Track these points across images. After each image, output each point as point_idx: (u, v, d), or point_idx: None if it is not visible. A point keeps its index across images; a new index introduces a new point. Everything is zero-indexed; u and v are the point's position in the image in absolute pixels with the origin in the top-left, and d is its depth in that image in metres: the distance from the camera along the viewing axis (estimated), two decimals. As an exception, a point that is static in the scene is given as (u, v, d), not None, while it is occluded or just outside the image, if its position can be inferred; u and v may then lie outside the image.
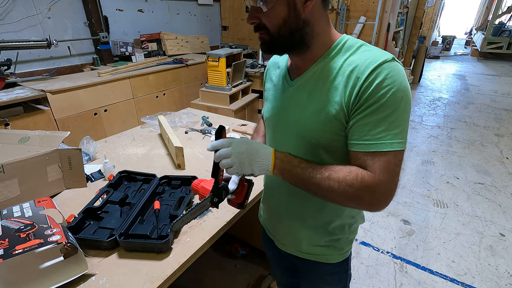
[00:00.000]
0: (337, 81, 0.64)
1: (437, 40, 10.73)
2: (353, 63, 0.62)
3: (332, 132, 0.65)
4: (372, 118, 0.58)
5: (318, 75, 0.68)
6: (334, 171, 0.63)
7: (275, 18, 0.63)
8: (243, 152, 0.65)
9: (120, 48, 3.04)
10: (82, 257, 0.77)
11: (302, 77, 0.71)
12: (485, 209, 2.48)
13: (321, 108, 0.65)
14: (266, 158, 0.66)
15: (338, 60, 0.65)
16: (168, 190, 1.13)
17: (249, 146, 0.66)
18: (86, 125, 2.43)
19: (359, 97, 0.59)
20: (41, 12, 2.53)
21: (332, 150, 0.68)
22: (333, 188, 0.62)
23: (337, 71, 0.64)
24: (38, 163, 1.05)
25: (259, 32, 0.67)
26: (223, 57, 2.79)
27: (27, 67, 2.56)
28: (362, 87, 0.59)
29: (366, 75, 0.58)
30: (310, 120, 0.67)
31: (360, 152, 0.61)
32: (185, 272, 0.86)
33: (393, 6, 3.90)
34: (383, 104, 0.57)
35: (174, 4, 3.74)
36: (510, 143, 3.65)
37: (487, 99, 5.34)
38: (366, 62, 0.60)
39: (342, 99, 0.62)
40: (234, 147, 0.65)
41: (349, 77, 0.61)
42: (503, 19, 9.34)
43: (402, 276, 1.86)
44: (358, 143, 0.61)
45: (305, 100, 0.69)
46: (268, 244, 1.01)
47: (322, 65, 0.67)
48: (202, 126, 1.78)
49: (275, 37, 0.65)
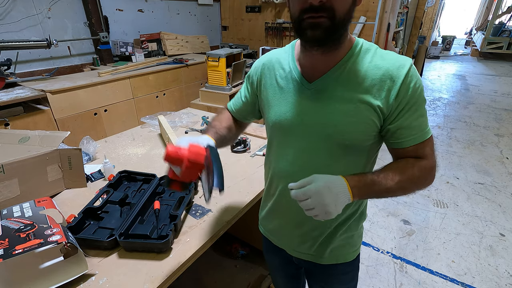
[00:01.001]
0: (367, 83, 0.64)
1: (437, 40, 10.73)
2: (381, 67, 0.64)
3: (365, 133, 0.67)
4: (416, 115, 0.65)
5: (345, 78, 0.66)
6: (401, 173, 0.67)
7: (346, 2, 0.59)
8: (324, 192, 0.61)
9: (120, 48, 3.04)
10: (82, 257, 0.77)
11: (324, 80, 0.68)
12: (485, 209, 2.48)
13: (355, 110, 0.65)
14: (344, 195, 0.63)
15: (362, 62, 0.66)
16: (168, 190, 1.13)
17: (328, 185, 0.62)
18: (86, 125, 2.43)
19: (399, 100, 0.64)
20: (41, 12, 2.53)
21: (360, 149, 0.71)
22: (406, 187, 0.68)
23: (365, 73, 0.65)
24: (38, 163, 1.05)
25: (319, 13, 0.58)
26: (223, 57, 2.79)
27: (27, 67, 2.56)
28: (402, 89, 0.63)
29: (402, 79, 0.63)
30: (343, 122, 0.66)
31: (412, 146, 0.68)
32: (185, 272, 0.86)
33: (393, 6, 3.90)
34: (420, 101, 0.65)
35: (174, 4, 3.74)
36: (510, 143, 3.65)
37: (487, 99, 5.34)
38: (395, 66, 0.64)
39: (378, 102, 0.64)
40: (313, 190, 0.62)
41: (382, 81, 0.64)
42: (503, 19, 9.34)
43: (402, 276, 1.86)
44: (410, 139, 0.67)
45: (333, 102, 0.67)
46: (275, 253, 0.98)
47: (346, 67, 0.66)
48: (202, 126, 1.78)
49: (337, 23, 0.59)
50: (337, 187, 0.62)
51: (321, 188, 0.61)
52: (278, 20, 3.98)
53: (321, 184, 0.62)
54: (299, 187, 0.63)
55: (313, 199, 0.61)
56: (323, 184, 0.62)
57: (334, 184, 0.62)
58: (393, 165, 0.70)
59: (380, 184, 0.66)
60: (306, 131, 0.72)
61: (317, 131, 0.70)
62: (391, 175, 0.67)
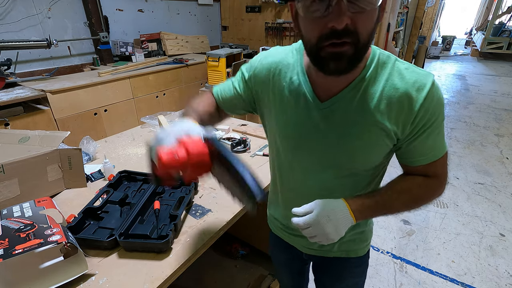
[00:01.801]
0: (383, 106, 0.59)
1: (437, 40, 10.73)
2: (399, 88, 0.58)
3: (377, 155, 0.65)
4: (432, 136, 0.62)
5: (359, 99, 0.61)
6: (406, 193, 0.66)
7: (371, 21, 0.50)
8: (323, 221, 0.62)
9: (120, 48, 3.04)
10: (82, 257, 0.77)
11: (338, 100, 0.62)
12: (485, 209, 2.48)
13: (369, 134, 0.62)
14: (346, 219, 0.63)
15: (379, 81, 0.60)
16: (168, 190, 1.13)
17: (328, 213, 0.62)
18: (86, 125, 2.43)
19: (416, 123, 0.60)
20: (41, 12, 2.53)
21: (366, 168, 0.69)
22: (411, 206, 0.68)
23: (380, 95, 0.59)
24: (38, 163, 1.05)
25: (342, 39, 0.49)
26: (223, 57, 2.79)
27: (27, 67, 2.56)
28: (420, 114, 0.58)
29: (421, 102, 0.58)
30: (355, 146, 0.63)
31: (424, 165, 0.65)
32: (185, 272, 0.86)
33: (393, 6, 3.90)
34: (439, 121, 0.61)
35: (174, 4, 3.74)
36: (510, 143, 3.65)
37: (487, 99, 5.34)
38: (415, 87, 0.58)
39: (394, 127, 0.60)
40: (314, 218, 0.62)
41: (400, 104, 0.58)
42: (503, 19, 9.33)
43: (402, 276, 1.86)
44: (421, 159, 0.65)
45: (346, 125, 0.63)
46: (282, 249, 0.98)
47: (361, 87, 0.60)
48: (202, 126, 1.78)
49: (361, 48, 0.51)
50: (337, 214, 0.62)
51: (320, 217, 0.61)
52: (278, 20, 3.98)
53: (321, 213, 0.62)
54: (302, 214, 0.64)
55: (314, 228, 0.62)
56: (322, 213, 0.62)
57: (334, 212, 0.62)
58: (398, 184, 0.68)
59: (384, 206, 0.66)
60: (313, 152, 0.68)
61: (325, 153, 0.67)
62: (396, 195, 0.66)
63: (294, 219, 0.64)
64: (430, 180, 0.67)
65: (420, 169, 0.67)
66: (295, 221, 0.64)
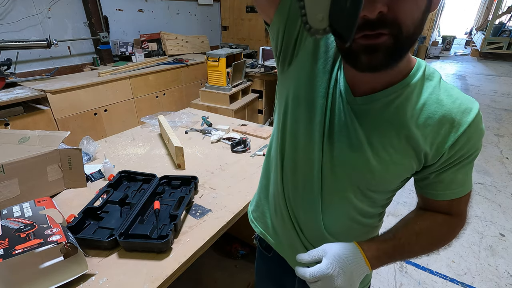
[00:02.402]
0: (422, 120, 0.51)
1: (437, 40, 10.72)
2: (443, 105, 0.51)
3: (398, 175, 0.57)
4: (467, 168, 0.56)
5: (397, 106, 0.52)
6: (428, 235, 0.58)
7: (417, 9, 0.42)
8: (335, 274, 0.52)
9: (120, 48, 3.04)
10: (82, 257, 0.77)
11: (374, 99, 0.53)
12: (485, 209, 2.48)
13: (398, 146, 0.52)
14: (360, 269, 0.54)
15: (423, 92, 0.52)
16: (168, 190, 1.13)
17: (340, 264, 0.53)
18: (86, 125, 2.43)
19: (454, 151, 0.52)
20: (41, 12, 2.53)
21: (379, 190, 0.61)
22: (432, 249, 0.60)
23: (423, 106, 0.51)
24: (38, 163, 1.05)
25: (377, 31, 0.41)
26: (223, 57, 2.79)
27: (27, 67, 2.56)
28: (461, 141, 0.51)
29: (466, 127, 0.50)
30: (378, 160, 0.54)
31: (449, 200, 0.58)
32: (185, 272, 0.86)
33: (393, 6, 3.89)
34: (475, 155, 0.55)
35: (174, 4, 3.74)
36: (510, 143, 3.65)
37: (487, 99, 5.34)
38: (461, 108, 0.51)
39: (427, 147, 0.52)
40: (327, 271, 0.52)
41: (441, 124, 0.51)
42: (503, 19, 9.34)
43: (402, 276, 1.86)
44: (448, 193, 0.57)
45: (376, 129, 0.53)
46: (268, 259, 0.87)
47: (403, 93, 0.51)
48: (202, 126, 1.78)
49: (404, 41, 0.43)
50: (351, 265, 0.53)
51: (331, 270, 0.52)
52: (278, 20, 3.98)
53: (332, 264, 0.52)
54: (308, 261, 0.55)
55: (323, 282, 0.52)
56: (334, 265, 0.52)
57: (347, 262, 0.52)
58: (416, 223, 0.60)
59: (402, 250, 0.57)
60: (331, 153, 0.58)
61: (344, 160, 0.57)
62: (415, 238, 0.57)
63: (300, 269, 0.55)
64: (452, 219, 0.59)
65: (444, 205, 0.58)
66: (301, 272, 0.54)
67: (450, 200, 0.57)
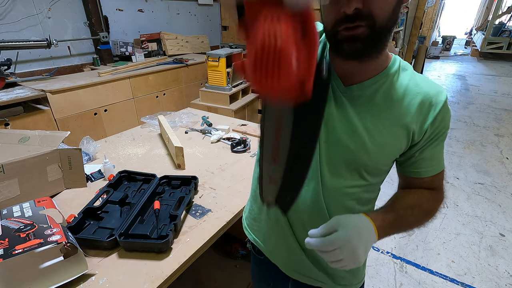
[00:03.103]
0: (406, 102, 0.59)
1: (437, 40, 10.73)
2: (421, 88, 0.59)
3: (390, 155, 0.62)
4: (441, 144, 0.64)
5: (383, 93, 0.59)
6: (420, 207, 0.64)
7: (388, 3, 0.49)
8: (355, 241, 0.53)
9: (120, 48, 3.04)
10: (82, 257, 0.77)
11: (363, 87, 0.59)
12: (485, 209, 2.48)
13: (389, 129, 0.58)
14: (372, 239, 0.55)
15: (401, 80, 0.60)
16: (168, 190, 1.13)
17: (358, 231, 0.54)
18: (86, 125, 2.43)
19: (434, 128, 0.60)
20: (41, 12, 2.53)
21: (374, 172, 0.64)
22: (422, 222, 0.66)
23: (405, 90, 0.59)
24: (38, 163, 1.05)
25: (355, 23, 0.49)
26: (223, 57, 2.79)
27: (27, 67, 2.56)
28: (438, 118, 0.59)
29: (441, 106, 0.59)
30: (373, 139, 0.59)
31: (430, 177, 0.65)
32: (185, 272, 0.86)
33: (393, 6, 3.89)
34: (447, 131, 0.63)
35: (174, 4, 3.74)
36: (510, 143, 3.65)
37: (487, 99, 5.34)
38: (435, 91, 0.60)
39: (414, 126, 0.59)
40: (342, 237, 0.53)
41: (422, 103, 0.59)
42: (503, 19, 9.33)
43: (402, 276, 1.86)
44: (429, 169, 0.64)
45: (363, 116, 0.59)
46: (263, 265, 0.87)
47: (385, 82, 0.59)
48: (202, 126, 1.78)
49: (378, 31, 0.50)
50: (367, 232, 0.55)
51: (351, 235, 0.52)
52: (278, 20, 3.98)
53: (351, 230, 0.53)
54: (323, 234, 0.54)
55: (343, 249, 0.52)
56: (353, 231, 0.53)
57: (363, 229, 0.54)
58: (407, 199, 0.65)
59: (402, 221, 0.62)
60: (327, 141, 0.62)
61: (341, 144, 0.60)
62: (410, 211, 0.63)
63: (313, 240, 0.54)
64: (435, 193, 0.66)
65: (427, 181, 0.66)
66: (318, 243, 0.53)
67: (432, 176, 0.65)
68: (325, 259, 0.54)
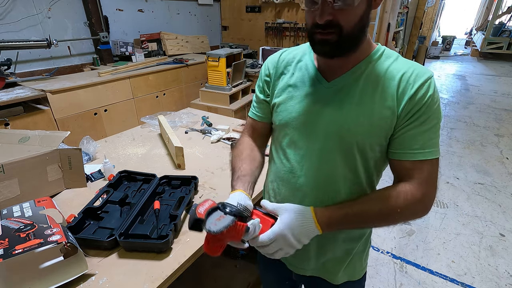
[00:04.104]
0: (386, 85, 0.63)
1: (437, 40, 10.73)
2: (400, 69, 0.63)
3: (378, 136, 0.64)
4: (423, 128, 0.62)
5: (364, 78, 0.65)
6: (382, 203, 0.64)
7: (354, 15, 0.58)
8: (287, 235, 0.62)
9: (120, 48, 3.04)
10: (82, 257, 0.77)
11: (343, 79, 0.66)
12: (485, 209, 2.48)
13: (371, 111, 0.63)
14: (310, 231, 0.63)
15: (382, 66, 0.65)
16: (168, 190, 1.13)
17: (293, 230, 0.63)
18: (86, 125, 2.43)
19: (412, 105, 0.61)
20: (41, 12, 2.53)
21: (367, 157, 0.67)
22: (388, 219, 0.65)
23: (384, 74, 0.64)
24: (38, 163, 1.05)
25: (326, 30, 0.58)
26: (223, 57, 2.79)
27: (27, 67, 2.56)
28: (416, 95, 0.60)
29: (419, 84, 0.61)
30: (356, 123, 0.64)
31: (407, 161, 0.63)
32: (185, 272, 0.86)
33: (393, 6, 3.90)
34: (432, 115, 0.61)
35: (174, 4, 3.74)
36: (510, 143, 3.65)
37: (487, 99, 5.34)
38: (415, 72, 0.62)
39: (394, 104, 0.62)
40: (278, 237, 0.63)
41: (400, 82, 0.62)
42: (503, 19, 9.34)
43: (402, 276, 1.86)
44: (409, 152, 0.63)
45: (350, 102, 0.65)
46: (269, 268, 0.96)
47: (366, 68, 0.65)
48: (202, 126, 1.78)
49: (345, 37, 0.59)
50: (299, 228, 0.63)
51: (284, 231, 0.62)
52: (278, 20, 3.98)
53: (283, 226, 0.62)
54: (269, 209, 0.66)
55: (277, 242, 0.62)
56: (284, 227, 0.62)
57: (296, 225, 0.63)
58: (375, 193, 0.68)
59: (355, 217, 0.64)
60: (318, 131, 0.68)
61: (329, 132, 0.66)
62: (368, 205, 0.64)
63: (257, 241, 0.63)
64: (409, 187, 0.63)
65: (408, 167, 0.63)
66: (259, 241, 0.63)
67: (412, 162, 0.63)
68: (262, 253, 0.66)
